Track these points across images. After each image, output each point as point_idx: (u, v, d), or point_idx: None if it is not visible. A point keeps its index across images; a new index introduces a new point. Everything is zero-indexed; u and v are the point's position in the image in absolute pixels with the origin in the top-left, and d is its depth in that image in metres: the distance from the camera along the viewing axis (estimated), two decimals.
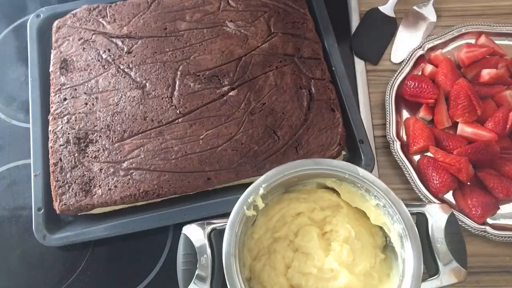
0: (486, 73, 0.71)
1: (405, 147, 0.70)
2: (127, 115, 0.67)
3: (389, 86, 0.74)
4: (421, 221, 0.52)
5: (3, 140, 0.75)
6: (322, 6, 0.77)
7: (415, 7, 0.82)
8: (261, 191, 0.51)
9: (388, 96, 0.73)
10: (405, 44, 0.79)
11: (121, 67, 0.70)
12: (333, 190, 0.57)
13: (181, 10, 0.74)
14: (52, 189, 0.64)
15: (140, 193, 0.63)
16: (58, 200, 0.63)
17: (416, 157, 0.70)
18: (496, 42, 0.76)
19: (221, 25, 0.73)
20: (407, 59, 0.75)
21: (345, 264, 0.50)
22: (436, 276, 0.49)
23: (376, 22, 0.81)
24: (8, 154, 0.74)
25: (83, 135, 0.66)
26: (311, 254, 0.52)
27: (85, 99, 0.68)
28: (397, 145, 0.69)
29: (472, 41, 0.77)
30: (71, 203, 0.62)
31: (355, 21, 0.81)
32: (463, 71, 0.74)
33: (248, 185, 0.52)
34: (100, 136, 0.66)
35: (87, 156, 0.65)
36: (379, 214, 0.53)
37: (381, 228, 0.54)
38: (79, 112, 0.68)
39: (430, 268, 0.50)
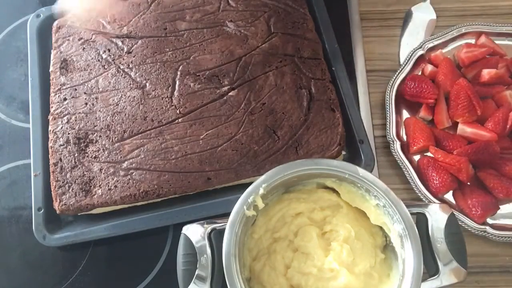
0: (486, 73, 0.71)
1: (405, 147, 0.70)
2: (127, 115, 0.67)
3: (389, 86, 0.74)
4: (421, 221, 0.52)
5: (3, 140, 0.75)
6: (322, 6, 0.77)
7: (413, 8, 0.82)
8: (261, 191, 0.51)
9: (388, 96, 0.73)
10: (410, 46, 0.78)
11: (121, 67, 0.70)
12: (333, 190, 0.57)
13: (181, 10, 0.74)
14: (52, 189, 0.64)
15: (140, 193, 0.63)
16: (58, 200, 0.63)
17: (416, 157, 0.70)
18: (496, 42, 0.76)
19: (221, 25, 0.73)
20: (407, 59, 0.75)
21: (345, 264, 0.50)
22: (436, 276, 0.49)
23: None
24: (8, 154, 0.74)
25: (83, 135, 0.66)
26: (311, 254, 0.52)
27: (85, 99, 0.68)
28: (397, 145, 0.69)
29: (472, 41, 0.77)
30: (71, 203, 0.62)
31: (355, 21, 0.81)
32: (463, 71, 0.74)
33: (248, 185, 0.52)
34: (100, 136, 0.66)
35: (87, 156, 0.65)
36: (379, 214, 0.53)
37: (381, 228, 0.54)
38: (79, 112, 0.68)
39: (430, 268, 0.50)
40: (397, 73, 0.75)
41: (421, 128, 0.69)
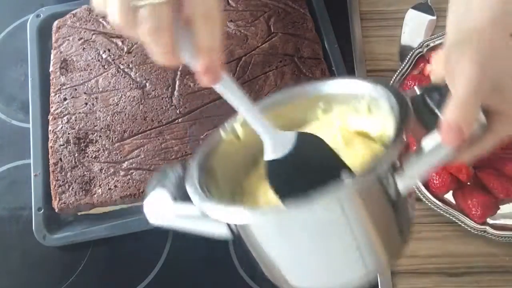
0: None
1: (405, 147, 0.70)
2: (127, 115, 0.67)
3: None
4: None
5: (3, 140, 0.75)
6: (322, 6, 0.77)
7: (413, 8, 0.82)
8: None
9: None
10: (410, 46, 0.78)
11: (121, 67, 0.70)
12: None
13: None
14: (51, 188, 0.64)
15: (140, 193, 0.63)
16: (57, 199, 0.63)
17: None
18: None
19: None
20: (407, 59, 0.75)
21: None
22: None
23: None
24: (8, 154, 0.73)
25: (83, 135, 0.66)
26: None
27: (85, 99, 0.68)
28: None
29: None
30: (71, 201, 0.62)
31: (355, 21, 0.81)
32: None
33: None
34: (100, 136, 0.66)
35: (87, 156, 0.65)
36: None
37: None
38: (79, 112, 0.68)
39: (429, 123, 0.40)
40: (397, 73, 0.74)
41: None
